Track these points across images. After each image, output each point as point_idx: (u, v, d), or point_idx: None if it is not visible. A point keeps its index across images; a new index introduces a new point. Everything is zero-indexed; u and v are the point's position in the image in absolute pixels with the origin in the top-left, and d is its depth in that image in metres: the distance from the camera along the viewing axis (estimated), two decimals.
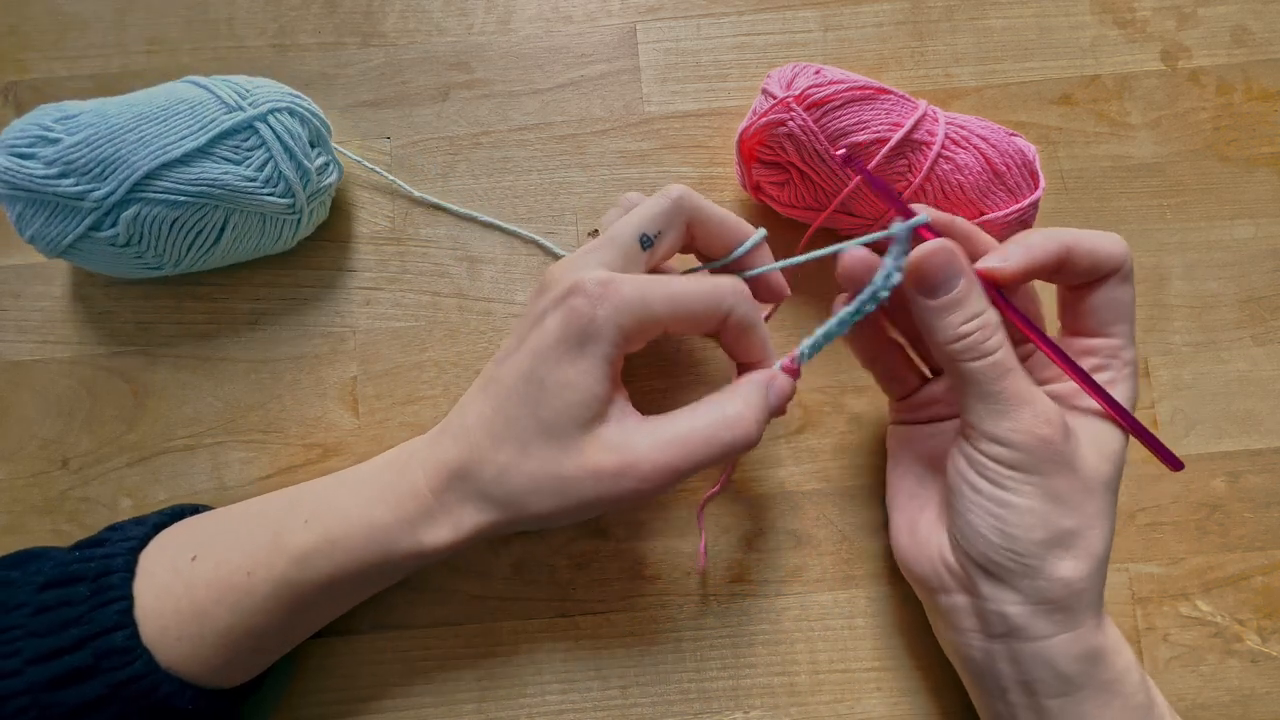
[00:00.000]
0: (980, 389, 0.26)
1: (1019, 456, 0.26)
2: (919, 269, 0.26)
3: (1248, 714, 0.33)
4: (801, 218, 0.35)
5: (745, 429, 0.26)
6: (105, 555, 0.27)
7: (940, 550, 0.28)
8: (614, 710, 0.32)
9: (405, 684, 0.32)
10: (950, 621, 0.29)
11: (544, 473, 0.26)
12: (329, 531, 0.27)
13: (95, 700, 0.25)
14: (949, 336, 0.26)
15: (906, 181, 0.32)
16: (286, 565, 0.27)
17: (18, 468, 0.34)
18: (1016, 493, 0.26)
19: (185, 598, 0.26)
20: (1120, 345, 0.28)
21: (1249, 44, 0.39)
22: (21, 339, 0.36)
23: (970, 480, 0.27)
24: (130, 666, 0.25)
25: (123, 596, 0.26)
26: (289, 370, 0.35)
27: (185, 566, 0.27)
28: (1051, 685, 0.26)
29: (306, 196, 0.33)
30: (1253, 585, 0.34)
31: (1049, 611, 0.26)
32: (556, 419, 0.26)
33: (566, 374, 0.26)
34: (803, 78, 0.32)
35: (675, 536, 0.34)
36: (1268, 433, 0.35)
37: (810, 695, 0.32)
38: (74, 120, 0.31)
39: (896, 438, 0.33)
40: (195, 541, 0.28)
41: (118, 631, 0.26)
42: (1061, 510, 0.26)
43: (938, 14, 0.39)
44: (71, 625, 0.25)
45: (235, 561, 0.27)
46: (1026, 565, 0.26)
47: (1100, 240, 0.27)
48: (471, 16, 0.39)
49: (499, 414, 0.27)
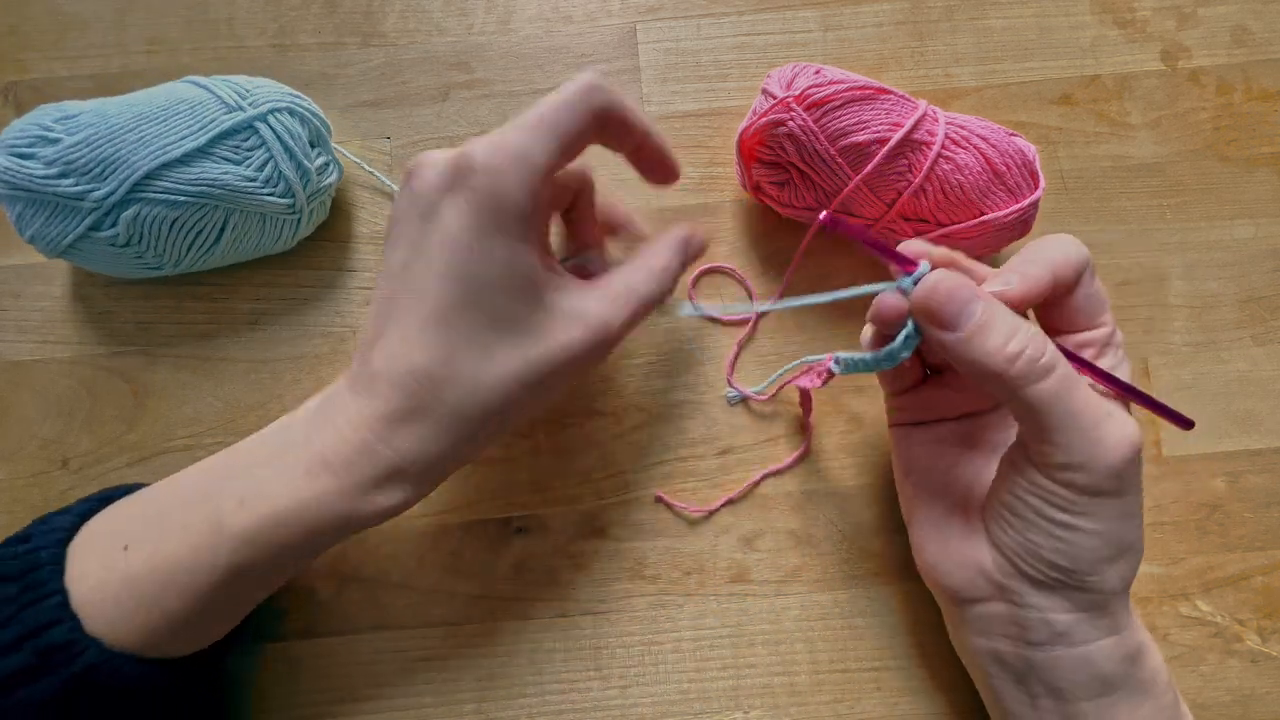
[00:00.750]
0: (1056, 413, 0.24)
1: (1102, 481, 0.24)
2: (926, 308, 0.25)
3: (1248, 714, 0.33)
4: (801, 218, 0.35)
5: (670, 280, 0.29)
6: (29, 551, 0.26)
7: (978, 562, 0.27)
8: (614, 710, 0.32)
9: (405, 684, 0.32)
10: (982, 629, 0.28)
11: (515, 367, 0.25)
12: (274, 513, 0.25)
13: (54, 697, 0.24)
14: (999, 363, 0.24)
15: (907, 181, 0.32)
16: (231, 548, 0.25)
17: (18, 468, 0.34)
18: (1090, 517, 0.25)
19: (124, 589, 0.25)
20: (1110, 331, 0.28)
21: (1249, 44, 0.39)
22: (21, 339, 0.36)
23: (1034, 506, 0.25)
24: (81, 657, 0.24)
25: (56, 591, 0.25)
26: (289, 370, 0.35)
27: (119, 558, 0.25)
28: (1088, 689, 0.26)
29: (306, 196, 0.33)
30: (1253, 585, 0.34)
31: (1096, 617, 0.26)
32: (506, 308, 0.25)
33: (498, 259, 0.24)
34: (803, 78, 0.32)
35: (675, 536, 0.34)
36: (1268, 433, 0.35)
37: (810, 695, 0.32)
38: (74, 120, 0.31)
39: (903, 443, 0.31)
40: (124, 531, 0.26)
41: (55, 627, 0.24)
42: (1128, 525, 0.25)
43: (938, 14, 0.39)
44: (3, 626, 0.24)
45: (172, 547, 0.25)
46: (1085, 580, 0.25)
47: (1068, 250, 0.27)
48: (471, 16, 0.39)
49: (435, 330, 0.24)
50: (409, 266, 0.25)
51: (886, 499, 0.34)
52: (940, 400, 0.31)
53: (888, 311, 0.26)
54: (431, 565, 0.34)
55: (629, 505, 0.34)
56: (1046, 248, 0.27)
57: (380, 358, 0.25)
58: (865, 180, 0.32)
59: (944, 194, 0.32)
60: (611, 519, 0.34)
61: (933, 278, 0.25)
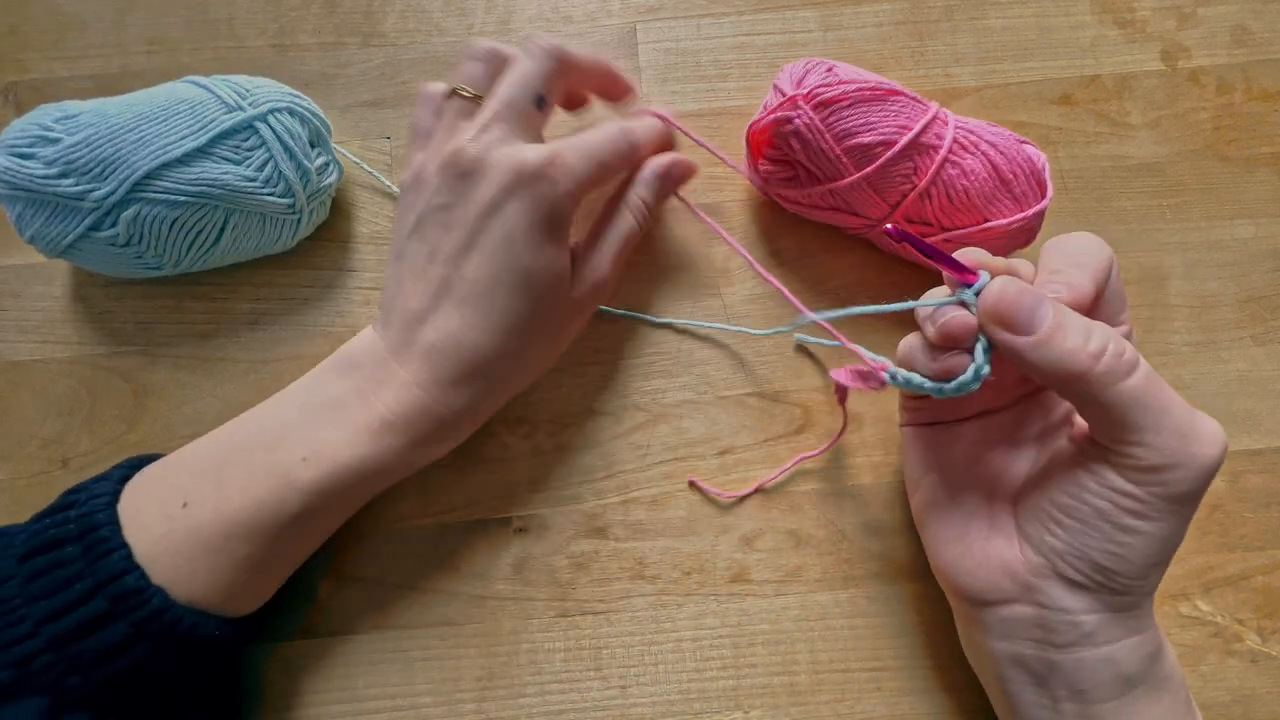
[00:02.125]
0: (1145, 411, 0.23)
1: (1197, 482, 0.23)
2: (998, 313, 0.24)
3: (1248, 714, 0.33)
4: (808, 215, 0.35)
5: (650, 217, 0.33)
6: (82, 515, 0.27)
7: (1002, 563, 0.27)
8: (614, 710, 0.32)
9: (405, 684, 0.32)
10: (1004, 632, 0.27)
11: (548, 344, 0.31)
12: (338, 468, 0.28)
13: (122, 641, 0.25)
14: (1083, 362, 0.23)
15: (912, 184, 0.32)
16: (301, 499, 0.28)
17: (18, 468, 0.34)
18: (1161, 522, 0.24)
19: (189, 541, 0.27)
20: (1129, 330, 0.28)
21: (1249, 44, 0.39)
22: (21, 339, 0.36)
23: (1104, 512, 0.24)
24: (148, 604, 0.26)
25: (120, 545, 0.26)
26: (289, 370, 0.35)
27: (179, 513, 0.27)
28: (1112, 689, 0.25)
29: (306, 196, 0.33)
30: (1253, 585, 0.34)
31: (1125, 618, 0.25)
32: (546, 298, 0.30)
33: (547, 256, 0.29)
34: (813, 75, 0.32)
35: (675, 536, 0.34)
36: (1268, 433, 0.35)
37: (810, 695, 0.32)
38: (74, 120, 0.31)
39: (921, 444, 0.30)
40: (179, 488, 0.28)
41: (126, 575, 0.26)
42: (1183, 527, 0.24)
43: (938, 14, 0.39)
44: (75, 581, 0.26)
45: (236, 501, 0.27)
46: (1128, 583, 0.25)
47: (1099, 252, 0.27)
48: (471, 16, 0.39)
49: (490, 314, 0.29)
50: (465, 255, 0.29)
51: (886, 499, 0.34)
52: (960, 400, 0.29)
53: (959, 329, 0.25)
54: (431, 565, 0.34)
55: (629, 505, 0.34)
56: (1080, 251, 0.26)
57: (434, 332, 0.29)
58: (869, 181, 0.32)
59: (948, 198, 0.31)
60: (611, 519, 0.34)
61: (997, 283, 0.24)
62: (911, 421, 0.31)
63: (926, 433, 0.30)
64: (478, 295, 0.29)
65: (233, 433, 0.30)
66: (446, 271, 0.29)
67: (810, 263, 0.37)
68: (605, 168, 0.31)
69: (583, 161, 0.30)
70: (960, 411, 0.30)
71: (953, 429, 0.30)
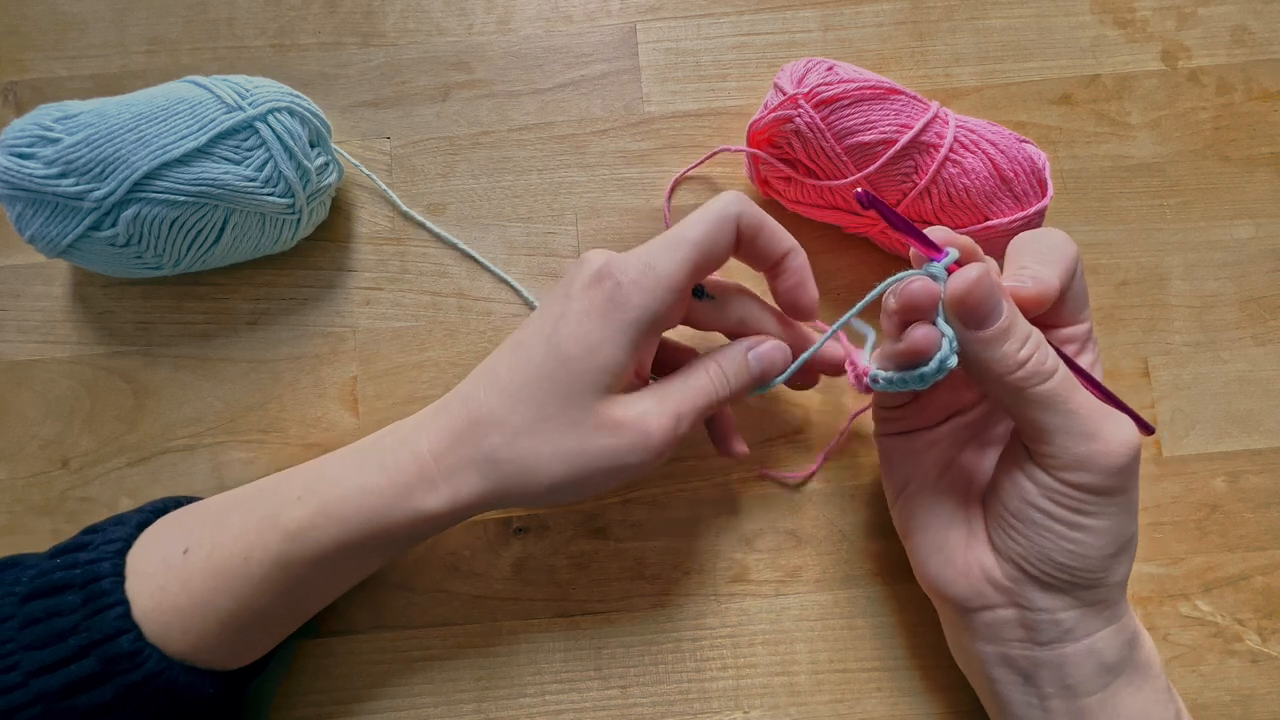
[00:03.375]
0: (1055, 413, 0.24)
1: (1107, 480, 0.24)
2: (965, 303, 0.24)
3: (1248, 714, 0.33)
4: (808, 214, 0.35)
5: (725, 391, 0.28)
6: (90, 560, 0.27)
7: (983, 569, 0.27)
8: (614, 710, 0.32)
9: (405, 684, 0.32)
10: (989, 635, 0.28)
11: (558, 437, 0.26)
12: (324, 504, 0.27)
13: (111, 702, 0.25)
14: (1009, 366, 0.24)
15: (912, 183, 0.32)
16: (282, 543, 0.26)
17: (18, 468, 0.34)
18: (1098, 516, 0.25)
19: (183, 593, 0.26)
20: (1090, 328, 0.28)
21: (1249, 44, 0.39)
22: (21, 339, 0.36)
23: (1044, 509, 0.25)
24: (142, 667, 0.25)
25: (119, 601, 0.26)
26: (289, 370, 0.35)
27: (178, 560, 0.27)
28: (1095, 680, 0.26)
29: (306, 196, 0.33)
30: (1253, 585, 0.34)
31: (1099, 610, 0.26)
32: (576, 383, 0.26)
33: (590, 339, 0.26)
34: (814, 74, 0.32)
35: (675, 536, 0.34)
36: (1268, 433, 0.35)
37: (810, 695, 0.32)
38: (74, 120, 0.31)
39: (898, 454, 0.30)
40: (184, 533, 0.28)
41: (121, 636, 0.25)
42: (1129, 519, 0.26)
43: (938, 14, 0.39)
44: (69, 635, 0.25)
45: (229, 548, 0.27)
46: (1093, 577, 0.26)
47: (1066, 250, 0.27)
48: (471, 16, 0.39)
49: (515, 376, 0.27)
50: (533, 322, 0.28)
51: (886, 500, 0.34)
52: (932, 404, 0.30)
53: (922, 296, 0.25)
54: (431, 565, 0.34)
55: (629, 505, 0.34)
56: (1050, 248, 0.27)
57: (469, 383, 0.28)
58: (869, 179, 0.32)
59: (949, 197, 0.31)
60: (611, 519, 0.34)
61: (972, 271, 0.24)
62: (886, 431, 0.30)
63: (901, 442, 0.30)
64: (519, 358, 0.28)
65: (270, 478, 0.29)
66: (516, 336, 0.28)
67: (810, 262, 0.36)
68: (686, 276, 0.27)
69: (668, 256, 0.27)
70: (932, 417, 0.30)
71: (925, 436, 0.30)
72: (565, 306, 0.27)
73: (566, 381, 0.26)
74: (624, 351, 0.26)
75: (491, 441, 0.26)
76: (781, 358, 0.29)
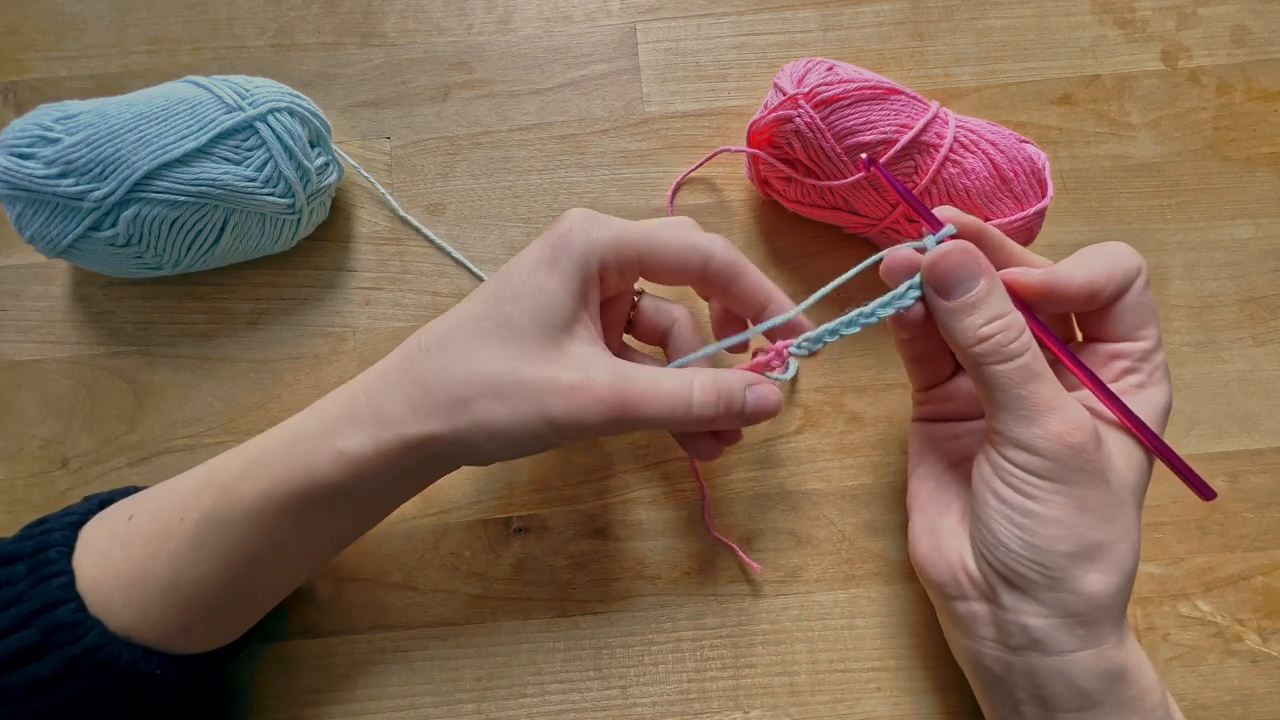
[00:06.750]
0: (1006, 394, 0.25)
1: (1047, 465, 0.25)
2: (934, 270, 0.26)
3: (1248, 714, 0.33)
4: (808, 214, 0.35)
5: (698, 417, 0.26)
6: (43, 532, 0.26)
7: (960, 556, 0.28)
8: (614, 710, 0.32)
9: (405, 684, 0.32)
10: (966, 629, 0.28)
11: (497, 369, 0.25)
12: (259, 455, 0.26)
13: (51, 676, 0.24)
14: (969, 339, 0.25)
15: (913, 183, 0.32)
16: (215, 498, 0.25)
17: (18, 468, 0.34)
18: (1043, 502, 0.25)
19: (124, 560, 0.25)
20: (1150, 348, 0.27)
21: (1249, 44, 0.39)
22: (21, 339, 0.36)
23: (995, 488, 0.26)
24: (82, 640, 0.25)
25: (62, 571, 0.25)
26: (289, 370, 0.35)
27: (122, 528, 0.26)
28: (1069, 700, 0.26)
29: (306, 196, 0.33)
30: (1253, 585, 0.34)
31: (1072, 626, 0.25)
32: (520, 318, 0.26)
33: (537, 278, 0.26)
34: (814, 74, 0.32)
35: (675, 536, 0.34)
36: (1268, 433, 0.35)
37: (810, 695, 0.32)
38: (74, 120, 0.31)
39: (920, 437, 0.31)
40: (134, 502, 0.27)
41: (61, 606, 0.25)
42: (1090, 521, 0.25)
43: (938, 14, 0.39)
44: (11, 605, 0.25)
45: (170, 510, 0.26)
46: (1051, 577, 0.25)
47: (1115, 260, 0.27)
48: (471, 16, 0.39)
49: (462, 311, 0.27)
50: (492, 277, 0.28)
51: (886, 499, 0.34)
52: (963, 396, 0.30)
53: (897, 263, 0.27)
54: (431, 565, 0.34)
55: (629, 505, 0.34)
56: (1096, 255, 0.27)
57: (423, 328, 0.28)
58: (869, 179, 0.32)
59: (949, 197, 0.32)
60: (611, 519, 0.34)
61: (948, 245, 0.26)
62: (920, 416, 0.32)
63: (925, 428, 0.31)
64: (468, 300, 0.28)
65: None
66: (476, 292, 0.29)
67: (810, 262, 0.37)
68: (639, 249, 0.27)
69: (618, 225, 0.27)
70: (964, 411, 0.31)
71: (948, 427, 0.31)
72: (523, 252, 0.27)
73: (512, 315, 0.26)
74: (570, 295, 0.26)
75: (427, 370, 0.26)
76: (775, 401, 0.28)
